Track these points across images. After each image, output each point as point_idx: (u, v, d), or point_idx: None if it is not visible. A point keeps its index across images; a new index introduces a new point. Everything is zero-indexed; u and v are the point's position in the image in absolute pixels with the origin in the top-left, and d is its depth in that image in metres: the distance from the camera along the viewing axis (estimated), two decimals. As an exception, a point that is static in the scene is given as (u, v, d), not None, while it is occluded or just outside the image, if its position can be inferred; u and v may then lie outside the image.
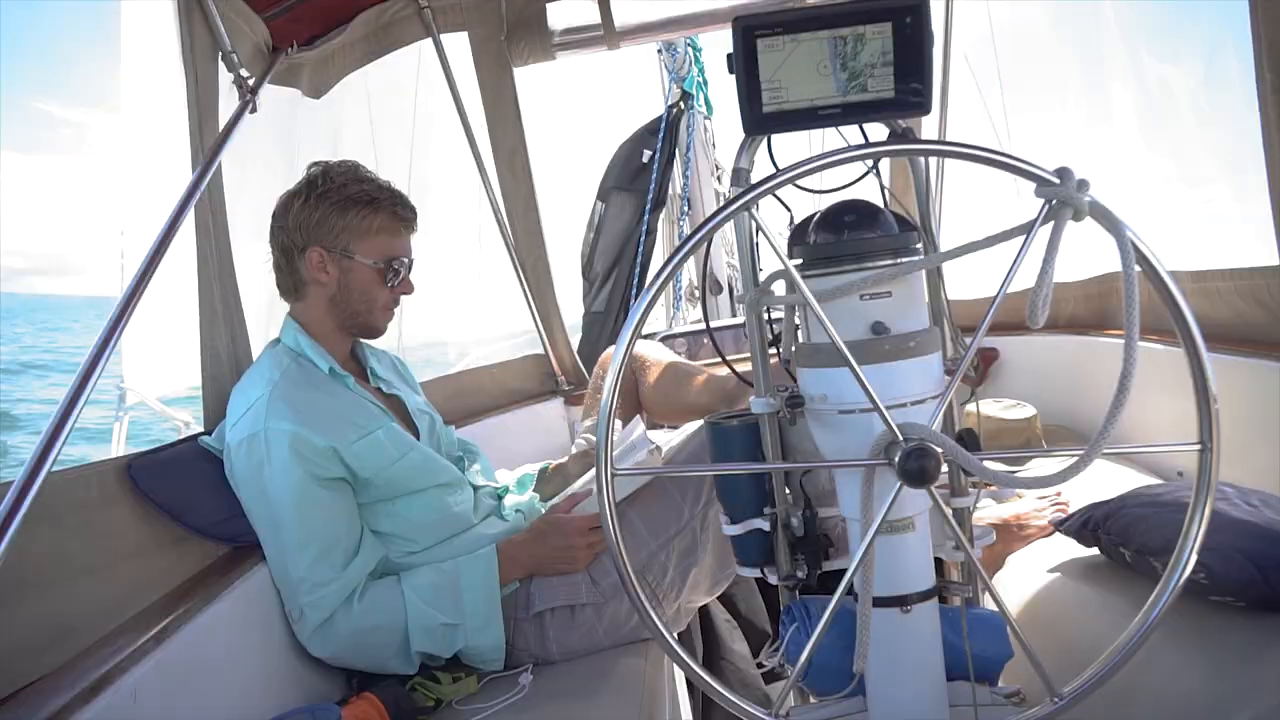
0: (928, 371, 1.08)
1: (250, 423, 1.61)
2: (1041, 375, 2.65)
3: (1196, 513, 0.98)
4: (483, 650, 1.68)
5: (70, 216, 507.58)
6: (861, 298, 1.06)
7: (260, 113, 1.98)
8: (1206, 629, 1.27)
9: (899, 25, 1.06)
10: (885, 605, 1.11)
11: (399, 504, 1.73)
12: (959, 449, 0.96)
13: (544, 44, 2.66)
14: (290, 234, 1.74)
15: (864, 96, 1.08)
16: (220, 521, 1.62)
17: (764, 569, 1.31)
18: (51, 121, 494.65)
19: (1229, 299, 1.91)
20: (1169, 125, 2.70)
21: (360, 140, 2.76)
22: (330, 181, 1.73)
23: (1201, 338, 0.94)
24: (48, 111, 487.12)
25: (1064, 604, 1.58)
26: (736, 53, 1.08)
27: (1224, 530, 1.28)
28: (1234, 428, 1.04)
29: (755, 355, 1.25)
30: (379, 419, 1.73)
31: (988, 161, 0.96)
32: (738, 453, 1.28)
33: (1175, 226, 2.52)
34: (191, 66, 1.80)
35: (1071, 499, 1.90)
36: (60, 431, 1.22)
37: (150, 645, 1.23)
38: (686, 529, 1.73)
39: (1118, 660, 1.00)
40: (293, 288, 1.79)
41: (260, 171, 2.15)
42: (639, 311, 0.98)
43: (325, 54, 2.39)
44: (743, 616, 2.24)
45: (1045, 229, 0.95)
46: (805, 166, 0.98)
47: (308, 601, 1.57)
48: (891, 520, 1.08)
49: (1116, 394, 0.91)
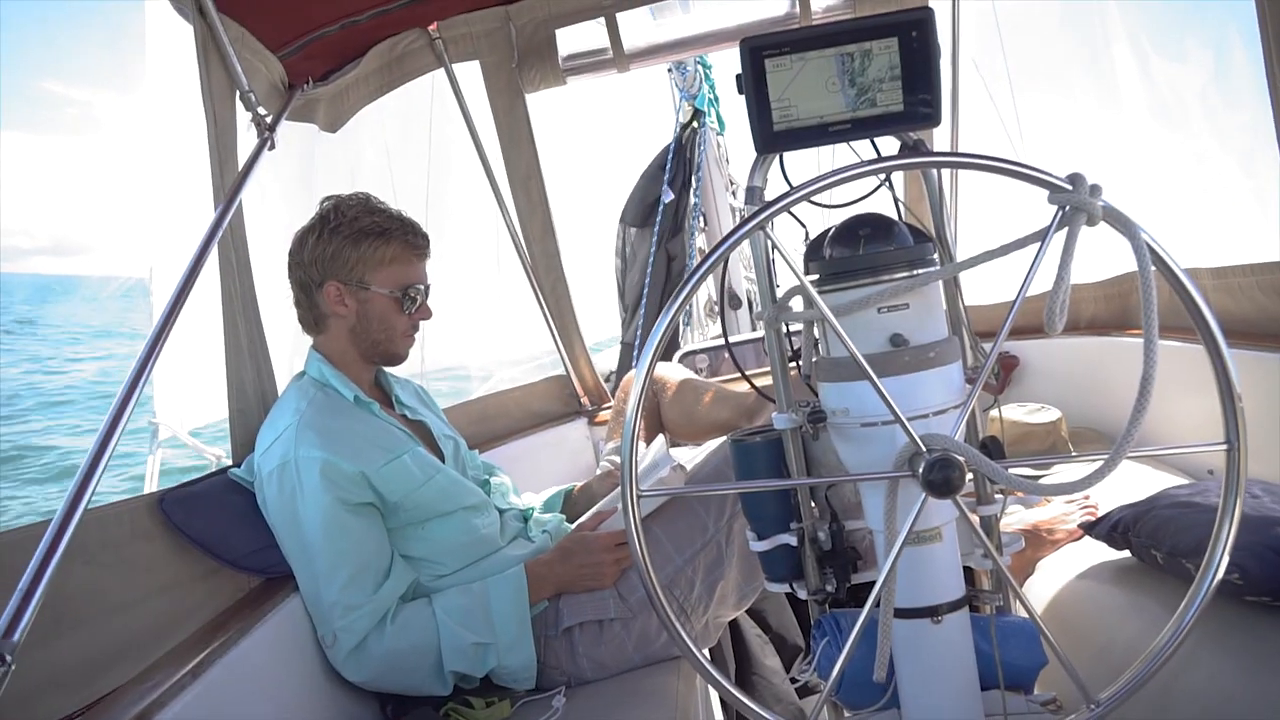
0: (948, 381, 1.08)
1: (280, 452, 1.63)
2: (1065, 378, 2.64)
3: (1227, 513, 0.97)
4: (514, 669, 1.69)
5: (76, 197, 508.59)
6: (879, 310, 1.06)
7: (279, 149, 2.01)
8: (1243, 631, 1.25)
9: (905, 40, 1.07)
10: (916, 616, 1.11)
11: (427, 528, 1.75)
12: (982, 458, 0.96)
13: (554, 69, 2.69)
14: (307, 270, 1.77)
15: (873, 111, 1.09)
16: (252, 553, 1.64)
17: (793, 584, 1.31)
18: (56, 101, 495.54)
19: (1251, 294, 1.90)
20: (1181, 120, 2.69)
21: (378, 171, 2.80)
22: (342, 215, 1.76)
23: (1223, 336, 0.94)
24: (51, 90, 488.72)
25: (1096, 608, 1.57)
26: (745, 73, 1.09)
27: (1257, 529, 1.27)
28: (1262, 423, 1.03)
29: (775, 371, 1.26)
30: (405, 443, 1.75)
31: (1000, 171, 0.96)
32: (762, 469, 1.29)
33: (1191, 221, 2.50)
34: (210, 108, 1.84)
35: (1100, 501, 1.88)
36: (95, 468, 1.24)
37: (187, 680, 1.24)
38: (712, 543, 1.73)
39: (1153, 665, 1.00)
40: (314, 321, 1.82)
41: (281, 206, 2.19)
42: (657, 334, 0.99)
43: (340, 88, 2.42)
44: (774, 631, 2.24)
45: (1060, 235, 0.95)
46: (818, 183, 0.98)
47: (341, 626, 1.58)
48: (918, 531, 1.08)
49: (1138, 397, 0.91)
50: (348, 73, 2.40)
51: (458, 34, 2.60)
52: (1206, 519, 1.02)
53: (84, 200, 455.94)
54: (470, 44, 2.64)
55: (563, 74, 2.70)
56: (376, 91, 2.57)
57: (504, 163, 2.77)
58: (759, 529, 1.31)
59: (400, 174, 2.81)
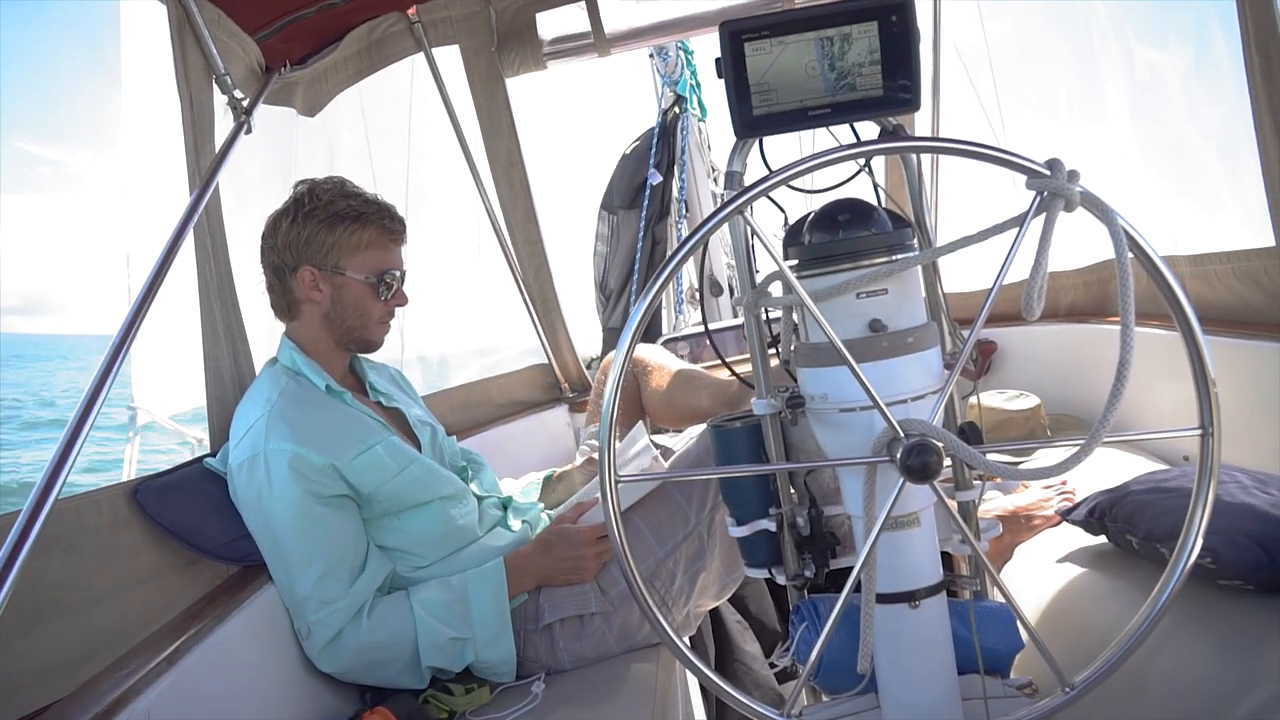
0: (927, 367, 1.08)
1: (250, 444, 1.62)
2: (1044, 364, 2.66)
3: (1200, 497, 0.98)
4: (493, 663, 1.68)
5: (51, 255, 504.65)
6: (858, 296, 1.06)
7: (256, 133, 1.99)
8: (1215, 614, 1.27)
9: (884, 24, 1.07)
10: (893, 601, 1.11)
11: (403, 518, 1.74)
12: (960, 443, 0.96)
13: (535, 53, 2.67)
14: (280, 254, 1.74)
15: (853, 95, 1.09)
16: (229, 542, 1.63)
17: (772, 569, 1.32)
18: (29, 160, 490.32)
19: (1227, 281, 1.92)
20: (1162, 109, 2.71)
21: (357, 156, 2.78)
22: (316, 199, 1.73)
23: (1198, 323, 0.95)
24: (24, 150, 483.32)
25: (1073, 593, 1.59)
26: (725, 57, 1.09)
27: (1230, 514, 1.28)
28: (1237, 410, 1.04)
29: (755, 357, 1.26)
30: (378, 433, 1.73)
31: (977, 156, 0.96)
32: (741, 454, 1.29)
33: (1170, 209, 2.52)
34: (186, 90, 1.81)
35: (1078, 487, 1.90)
36: (67, 457, 1.23)
37: (163, 667, 1.23)
38: (693, 534, 1.73)
39: (1127, 648, 1.01)
40: (287, 307, 1.79)
41: (259, 191, 2.16)
42: (636, 317, 0.98)
43: (318, 72, 2.40)
44: (754, 617, 2.25)
45: (1038, 221, 0.95)
46: (797, 168, 0.98)
47: (315, 619, 1.57)
48: (896, 516, 1.09)
49: (1115, 382, 0.92)
50: (326, 56, 2.38)
51: (437, 18, 2.58)
52: (1181, 504, 1.03)
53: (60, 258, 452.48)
54: (450, 28, 2.61)
55: (543, 58, 2.68)
56: (355, 75, 2.55)
57: (485, 148, 2.75)
58: (738, 514, 1.31)
59: (380, 159, 2.79)
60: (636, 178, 4.38)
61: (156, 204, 1.83)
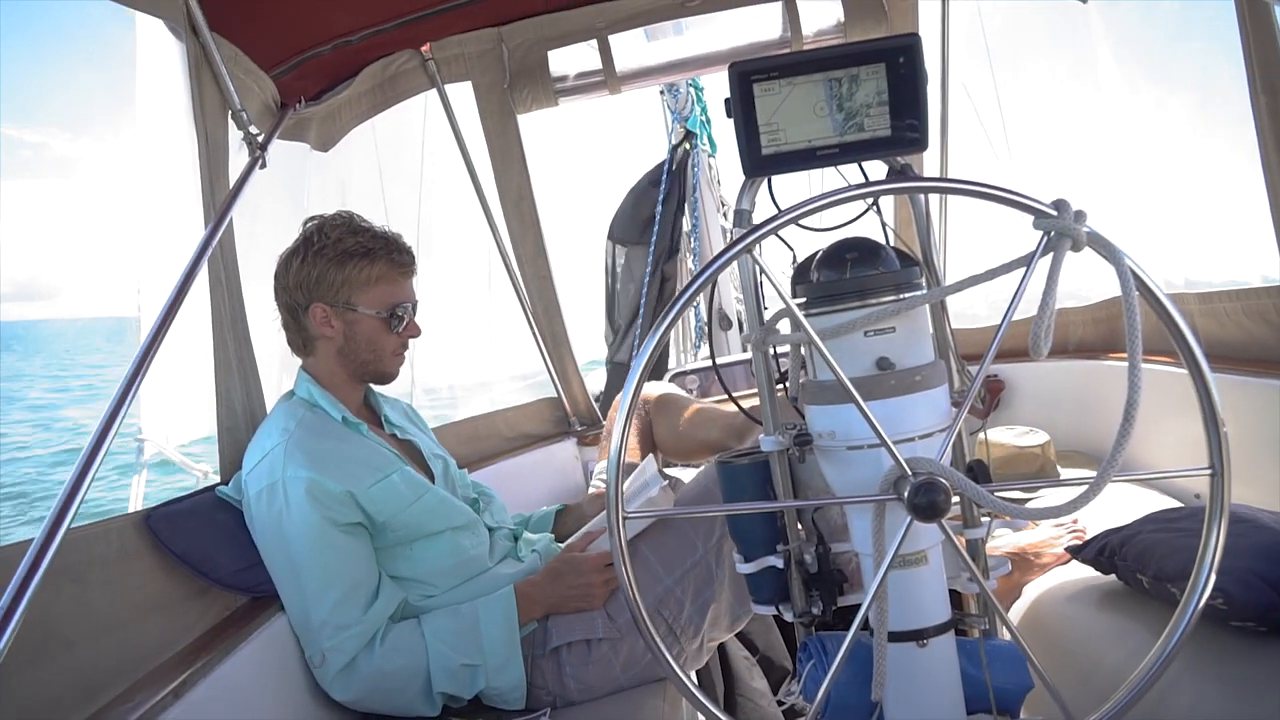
0: (935, 405, 1.08)
1: (268, 471, 1.63)
2: (1053, 401, 2.65)
3: (1211, 538, 0.98)
4: (503, 690, 1.68)
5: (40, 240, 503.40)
6: (866, 334, 1.07)
7: (270, 167, 2.01)
8: (1227, 656, 1.25)
9: (892, 65, 1.08)
10: (902, 640, 1.10)
11: (415, 548, 1.74)
12: (967, 482, 0.96)
13: (547, 90, 2.70)
14: (292, 293, 1.76)
15: (861, 136, 1.10)
16: (239, 571, 1.63)
17: (779, 606, 1.31)
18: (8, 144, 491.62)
19: (1236, 319, 1.91)
20: (1168, 145, 2.72)
21: (369, 190, 2.80)
22: (326, 237, 1.75)
23: (1206, 361, 0.95)
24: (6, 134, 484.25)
25: (1082, 633, 1.57)
26: (734, 97, 1.10)
27: (1242, 555, 1.27)
28: (1247, 448, 1.04)
29: (763, 393, 1.26)
30: (394, 463, 1.75)
31: (985, 196, 0.97)
32: (748, 491, 1.29)
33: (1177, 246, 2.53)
34: (202, 126, 1.84)
35: (1088, 525, 1.89)
36: (80, 486, 1.23)
37: (169, 700, 1.23)
38: (701, 564, 1.73)
39: (1138, 690, 1.00)
40: (302, 344, 1.82)
41: (271, 225, 2.19)
42: (645, 355, 0.99)
43: (332, 108, 2.43)
44: (761, 653, 2.23)
45: (1045, 260, 0.96)
46: (805, 207, 0.99)
47: (330, 646, 1.57)
48: (904, 554, 1.08)
49: (1123, 422, 0.92)
50: (340, 92, 2.41)
51: (450, 55, 2.61)
52: (1190, 544, 1.02)
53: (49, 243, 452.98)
54: (463, 65, 2.65)
55: (555, 95, 2.71)
56: (369, 111, 2.58)
57: (495, 183, 2.78)
58: (745, 551, 1.31)
59: (392, 194, 2.82)
60: (642, 213, 4.37)
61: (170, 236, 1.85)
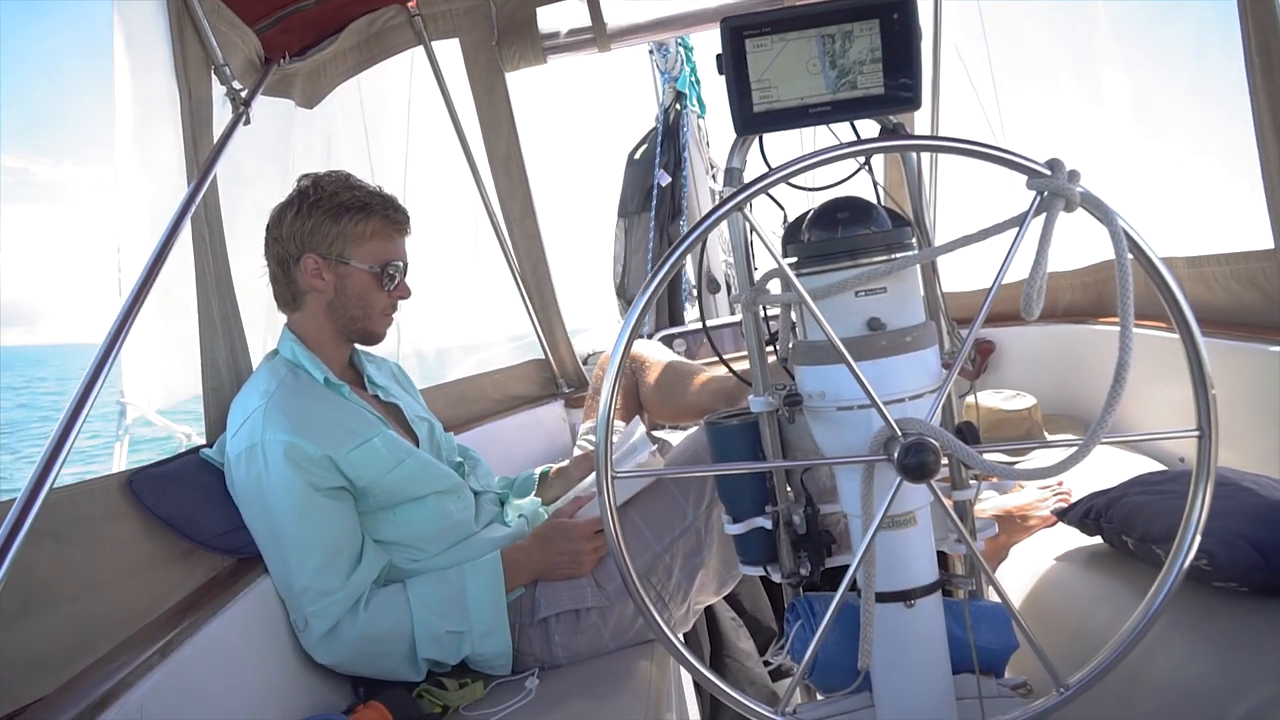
0: (925, 366, 1.08)
1: (248, 435, 1.61)
2: (1041, 365, 2.66)
3: (1197, 499, 0.98)
4: (489, 656, 1.68)
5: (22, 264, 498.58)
6: (857, 294, 1.06)
7: (254, 124, 1.98)
8: (1211, 616, 1.27)
9: (886, 22, 1.06)
10: (889, 600, 1.11)
11: (399, 512, 1.73)
12: (957, 443, 0.96)
13: (535, 48, 2.66)
14: (285, 244, 1.74)
15: (854, 93, 1.08)
16: (224, 533, 1.62)
17: (767, 567, 1.31)
18: None
19: (1225, 283, 1.91)
20: (1162, 112, 2.70)
21: (355, 148, 2.77)
22: (321, 190, 1.74)
23: (1197, 325, 0.94)
24: None
25: (1068, 594, 1.59)
26: (725, 53, 1.08)
27: (1226, 516, 1.28)
28: (1234, 412, 1.04)
29: (752, 354, 1.25)
30: (375, 426, 1.73)
31: (978, 155, 0.96)
32: (737, 452, 1.28)
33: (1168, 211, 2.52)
34: (184, 81, 1.81)
35: (1074, 488, 1.90)
36: (61, 447, 1.22)
37: (155, 659, 1.23)
38: (690, 529, 1.73)
39: (1122, 649, 1.00)
40: (290, 298, 1.79)
41: (256, 183, 2.16)
42: (634, 315, 0.98)
43: (317, 64, 2.39)
44: (748, 614, 2.25)
45: (1038, 221, 0.95)
46: (796, 165, 0.98)
47: (313, 611, 1.57)
48: (893, 515, 1.08)
49: (1113, 383, 0.91)
50: (325, 48, 2.37)
51: (437, 11, 2.57)
52: (1176, 506, 1.03)
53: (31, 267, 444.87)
54: (450, 21, 2.61)
55: (543, 52, 2.68)
56: (354, 68, 2.54)
57: (483, 142, 2.75)
58: (734, 512, 1.31)
59: (378, 152, 2.78)
60: (645, 181, 4.41)
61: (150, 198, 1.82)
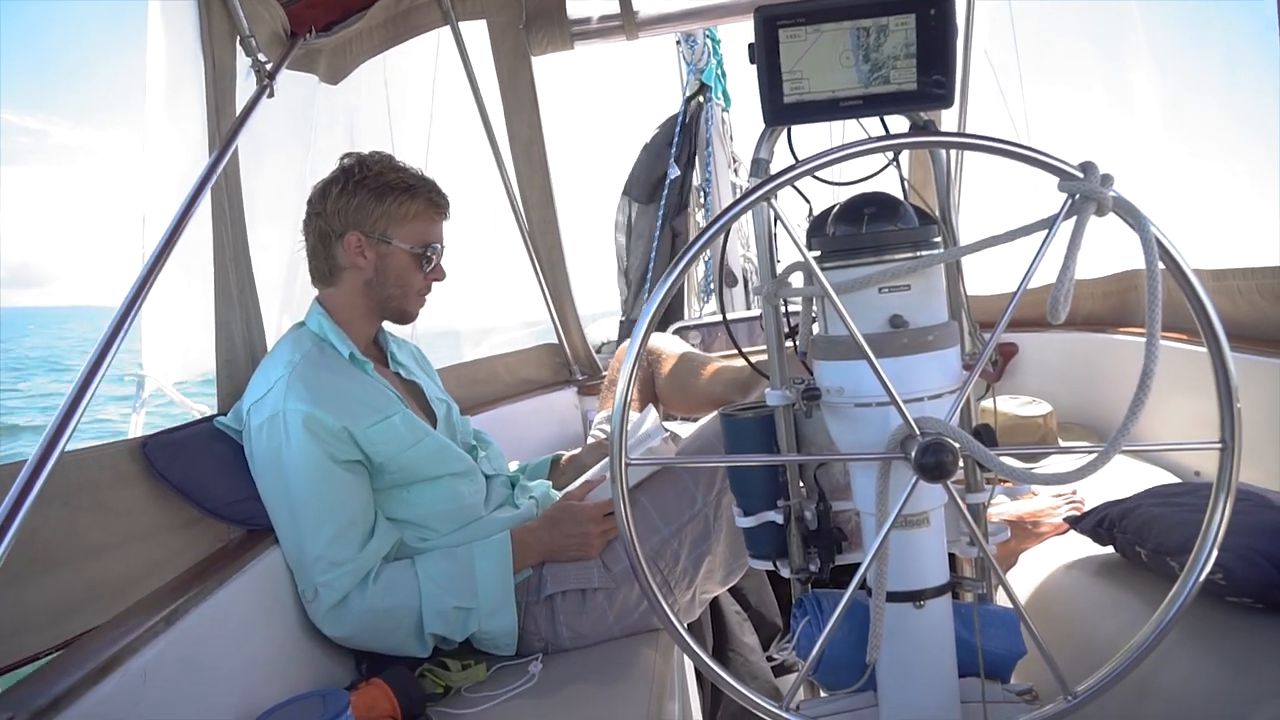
0: (946, 366, 1.07)
1: (270, 404, 1.62)
2: (1057, 372, 2.64)
3: (1216, 512, 0.97)
4: (495, 634, 1.68)
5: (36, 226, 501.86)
6: (880, 290, 1.05)
7: (277, 98, 1.98)
8: (1222, 631, 1.25)
9: (923, 17, 1.04)
10: (898, 600, 1.10)
11: (412, 491, 1.74)
12: (976, 444, 0.95)
13: (563, 33, 2.65)
14: (329, 220, 1.75)
15: (886, 88, 1.07)
16: (234, 503, 1.63)
17: (776, 562, 1.31)
18: (8, 130, 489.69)
19: (1250, 298, 1.89)
20: (1192, 120, 2.67)
21: (377, 126, 2.76)
22: (367, 170, 1.75)
23: (1225, 335, 0.93)
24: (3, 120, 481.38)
25: (1078, 602, 1.57)
26: (758, 43, 1.07)
27: (1244, 531, 1.26)
28: (1254, 427, 1.02)
29: (771, 347, 1.25)
30: (395, 405, 1.74)
31: (1011, 155, 0.95)
32: (752, 444, 1.28)
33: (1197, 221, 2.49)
34: (210, 51, 1.81)
35: (1087, 497, 1.88)
36: (74, 411, 1.22)
37: (161, 626, 1.23)
38: (699, 516, 1.73)
39: (1132, 660, 0.99)
40: (327, 273, 1.80)
41: (276, 157, 2.16)
42: (653, 306, 0.97)
43: (343, 40, 2.38)
44: (753, 609, 2.24)
45: (1067, 224, 0.94)
46: (826, 157, 0.97)
47: (323, 581, 1.58)
48: (907, 515, 1.08)
49: (1138, 391, 0.90)
50: (351, 25, 2.36)
51: None
52: (1192, 519, 1.02)
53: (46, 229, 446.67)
54: (478, 3, 2.60)
55: (571, 38, 2.67)
56: (380, 45, 2.53)
57: (506, 126, 2.74)
58: (745, 505, 1.30)
59: (400, 130, 2.77)
60: (656, 171, 4.37)
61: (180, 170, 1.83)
